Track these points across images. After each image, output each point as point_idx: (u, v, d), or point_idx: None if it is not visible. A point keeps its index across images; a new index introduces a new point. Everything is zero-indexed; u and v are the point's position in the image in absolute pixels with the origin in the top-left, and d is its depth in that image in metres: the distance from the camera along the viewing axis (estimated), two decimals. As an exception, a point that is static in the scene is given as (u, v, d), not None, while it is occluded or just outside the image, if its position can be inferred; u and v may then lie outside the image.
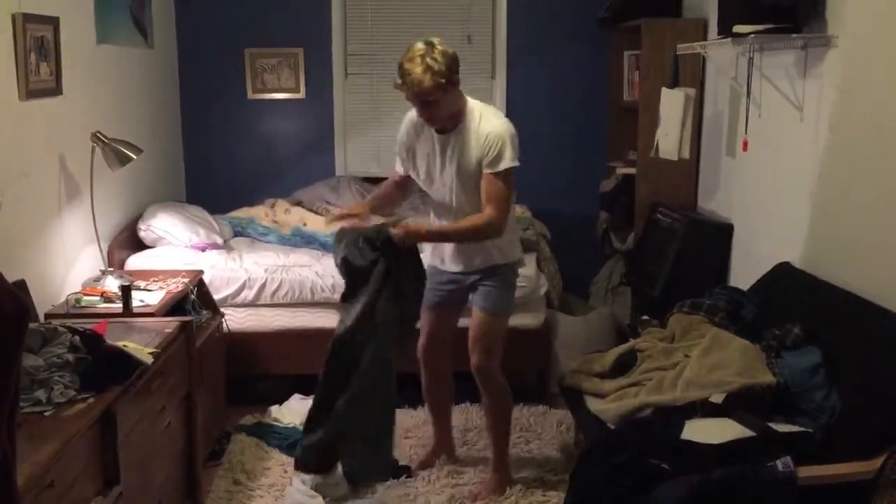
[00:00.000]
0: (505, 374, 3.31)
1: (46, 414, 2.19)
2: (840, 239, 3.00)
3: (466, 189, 3.06)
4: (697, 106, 4.21)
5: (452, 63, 2.93)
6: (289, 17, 5.17)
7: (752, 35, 3.19)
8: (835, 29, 2.99)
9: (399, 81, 2.93)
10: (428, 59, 2.87)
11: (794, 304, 3.03)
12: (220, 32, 5.15)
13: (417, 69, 2.87)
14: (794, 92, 3.28)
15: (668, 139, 4.05)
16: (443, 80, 2.88)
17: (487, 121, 3.02)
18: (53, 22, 3.31)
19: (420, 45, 2.91)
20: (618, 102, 5.06)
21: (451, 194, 3.11)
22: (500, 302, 3.20)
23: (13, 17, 3.01)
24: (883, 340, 2.53)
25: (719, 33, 3.65)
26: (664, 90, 4.13)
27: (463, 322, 3.39)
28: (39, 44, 3.18)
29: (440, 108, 2.96)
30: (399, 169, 3.30)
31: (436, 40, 2.93)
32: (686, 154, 4.04)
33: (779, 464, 2.30)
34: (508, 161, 2.97)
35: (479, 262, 3.15)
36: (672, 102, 4.04)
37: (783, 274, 3.24)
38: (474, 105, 3.07)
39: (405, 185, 3.35)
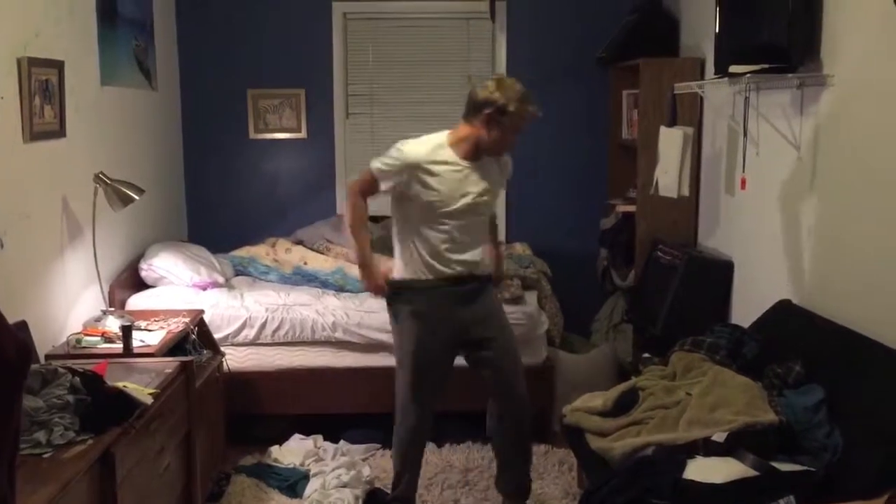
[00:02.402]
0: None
1: (45, 456, 2.18)
2: (839, 276, 3.01)
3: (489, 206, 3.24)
4: (696, 144, 4.24)
5: None
6: (291, 59, 5.23)
7: (748, 75, 3.22)
8: (830, 68, 3.03)
9: (532, 110, 3.08)
10: None
11: (795, 341, 3.03)
12: (222, 73, 5.21)
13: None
14: (790, 130, 3.31)
15: (668, 177, 4.08)
16: None
17: None
18: (58, 65, 3.35)
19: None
20: (617, 141, 5.10)
21: (476, 216, 3.15)
22: None
23: (18, 62, 3.05)
24: (884, 378, 2.53)
25: (716, 73, 3.69)
26: (662, 129, 4.17)
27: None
28: (44, 87, 3.22)
29: None
30: (383, 187, 3.17)
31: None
32: (686, 192, 4.06)
33: (782, 503, 2.29)
34: None
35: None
36: (670, 141, 4.07)
37: (783, 311, 3.25)
38: None
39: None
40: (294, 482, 3.66)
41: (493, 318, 3.25)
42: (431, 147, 3.10)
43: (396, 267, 3.19)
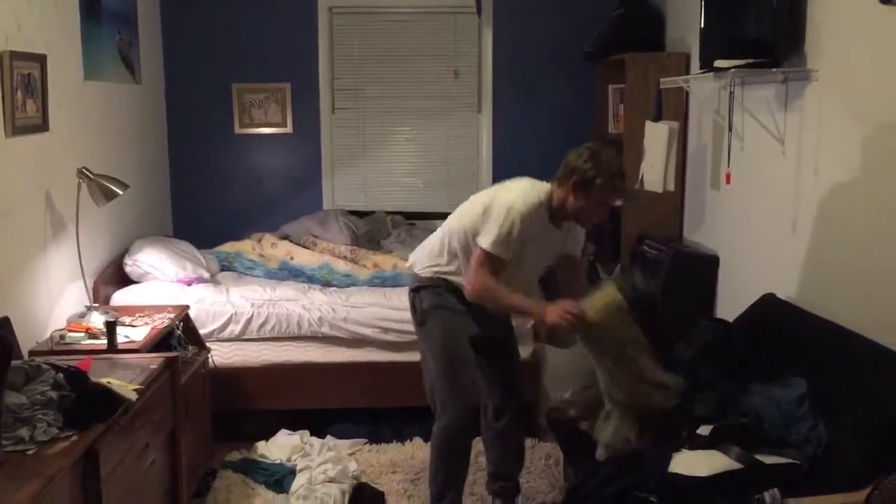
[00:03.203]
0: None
1: (29, 452, 2.16)
2: (824, 270, 3.02)
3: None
4: (681, 139, 4.25)
5: None
6: (276, 53, 5.21)
7: (733, 70, 3.23)
8: (814, 63, 3.04)
9: (624, 186, 3.01)
10: None
11: (780, 334, 3.05)
12: (207, 68, 5.19)
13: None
14: (775, 125, 3.32)
15: (653, 172, 4.08)
16: None
17: None
18: (40, 59, 3.32)
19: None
20: (603, 135, 5.10)
21: (536, 270, 3.24)
22: None
23: (0, 56, 3.02)
24: (867, 371, 2.54)
25: (701, 68, 3.70)
26: (648, 123, 4.18)
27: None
28: (26, 81, 3.20)
29: None
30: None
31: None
32: (671, 186, 4.07)
33: (766, 496, 2.29)
34: None
35: None
36: (656, 135, 4.08)
37: (768, 305, 3.26)
38: None
39: None
40: (281, 477, 3.65)
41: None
42: (535, 208, 3.00)
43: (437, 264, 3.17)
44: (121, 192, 3.53)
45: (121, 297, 4.03)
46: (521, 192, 3.04)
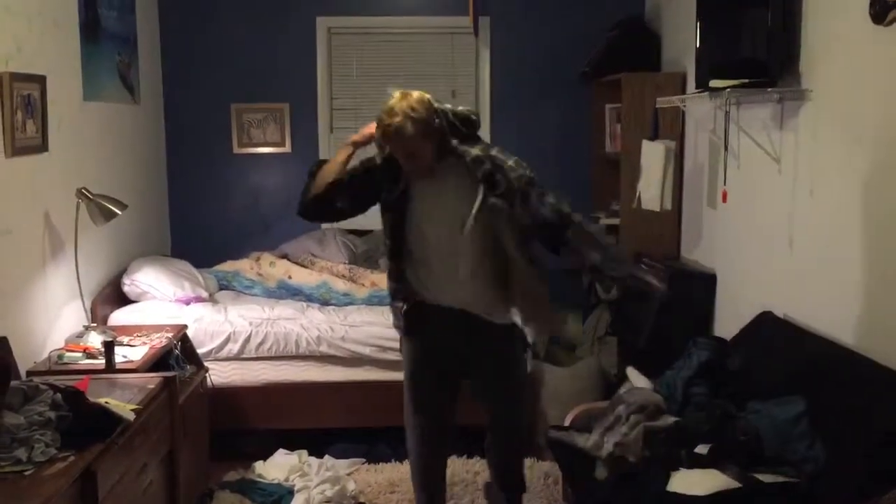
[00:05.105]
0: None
1: (26, 473, 2.16)
2: (820, 287, 3.03)
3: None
4: (678, 158, 4.27)
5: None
6: (275, 73, 5.24)
7: (729, 89, 3.26)
8: (808, 83, 3.06)
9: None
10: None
11: (777, 352, 3.05)
12: (206, 88, 5.21)
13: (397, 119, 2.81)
14: (771, 144, 3.34)
15: (650, 190, 4.10)
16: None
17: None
18: (41, 80, 3.34)
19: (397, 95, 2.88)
20: (600, 154, 5.13)
21: (453, 250, 2.99)
22: None
23: (0, 77, 3.04)
24: (864, 388, 2.55)
25: (697, 87, 3.73)
26: (645, 142, 4.20)
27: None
28: (26, 101, 3.21)
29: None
30: None
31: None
32: (668, 205, 4.09)
33: (765, 515, 2.30)
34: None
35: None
36: (653, 154, 4.10)
37: (765, 323, 3.27)
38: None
39: None
40: (278, 498, 3.63)
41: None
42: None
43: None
44: (120, 213, 3.54)
45: (119, 316, 4.03)
46: None
